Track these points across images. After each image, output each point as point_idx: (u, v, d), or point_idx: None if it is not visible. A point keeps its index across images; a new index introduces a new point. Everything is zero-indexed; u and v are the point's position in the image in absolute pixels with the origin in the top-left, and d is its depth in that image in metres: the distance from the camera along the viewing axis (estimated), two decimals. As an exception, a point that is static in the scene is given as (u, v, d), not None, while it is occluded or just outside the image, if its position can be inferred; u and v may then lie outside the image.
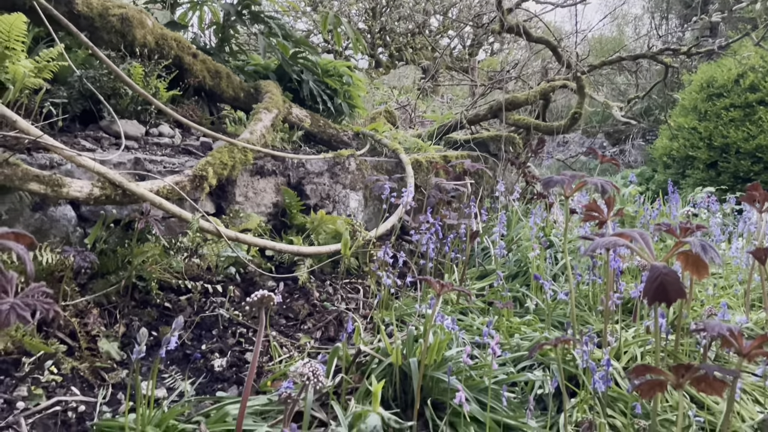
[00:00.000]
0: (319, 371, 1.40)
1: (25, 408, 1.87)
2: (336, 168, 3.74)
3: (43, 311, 1.03)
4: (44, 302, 1.04)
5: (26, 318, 0.99)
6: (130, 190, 2.42)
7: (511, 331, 2.60)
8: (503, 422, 1.92)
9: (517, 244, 3.70)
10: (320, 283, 3.04)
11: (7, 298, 1.01)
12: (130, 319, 2.37)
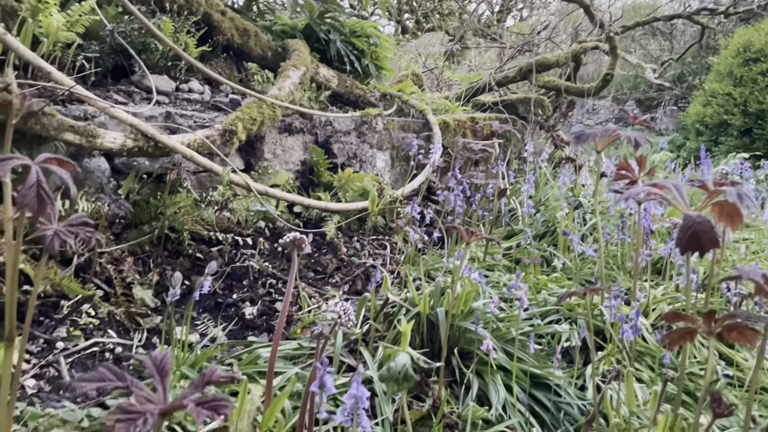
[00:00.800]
0: (350, 310, 1.42)
1: (65, 348, 1.94)
2: (363, 127, 3.74)
3: (86, 238, 1.06)
4: (86, 230, 1.07)
5: (70, 243, 1.02)
6: (162, 142, 2.45)
7: (538, 287, 2.60)
8: (530, 371, 1.93)
9: (545, 205, 3.67)
10: (347, 239, 3.07)
11: (51, 225, 1.04)
12: (163, 268, 2.42)
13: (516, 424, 1.76)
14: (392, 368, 1.40)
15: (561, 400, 1.89)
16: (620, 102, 13.10)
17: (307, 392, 1.37)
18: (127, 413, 0.71)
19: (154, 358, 0.82)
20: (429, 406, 1.80)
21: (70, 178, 1.00)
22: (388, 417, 1.73)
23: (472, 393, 1.85)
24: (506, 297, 2.41)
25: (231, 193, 2.85)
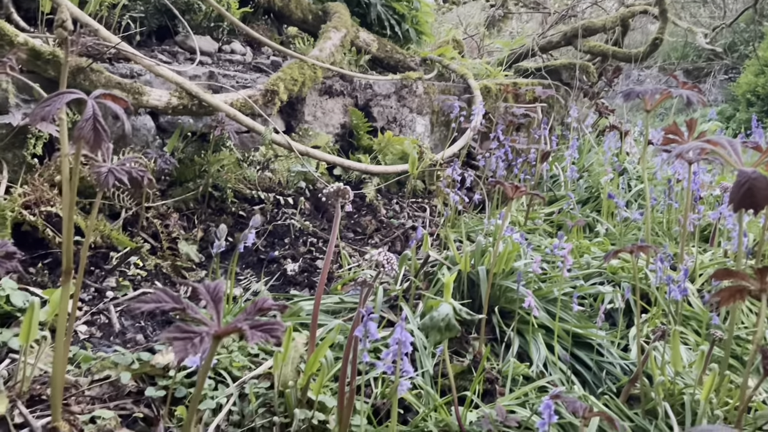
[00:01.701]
0: (393, 259, 1.42)
1: (114, 297, 2.00)
2: (403, 91, 3.70)
3: (138, 176, 1.08)
4: (138, 169, 1.09)
5: (123, 180, 1.04)
6: (206, 101, 2.48)
7: (581, 251, 2.56)
8: (572, 331, 1.92)
9: (588, 171, 3.60)
10: (387, 202, 3.07)
11: (105, 163, 1.07)
12: (207, 224, 2.47)
13: (557, 380, 1.76)
14: (435, 317, 1.40)
15: (603, 359, 1.87)
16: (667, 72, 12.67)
17: (350, 338, 1.39)
18: (184, 332, 0.72)
19: (208, 285, 0.83)
20: (469, 360, 1.80)
21: (123, 113, 1.02)
22: (428, 370, 1.74)
23: (512, 350, 1.85)
24: (547, 259, 2.38)
25: (272, 153, 2.87)
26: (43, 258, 2.04)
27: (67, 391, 1.45)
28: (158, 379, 1.57)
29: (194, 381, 1.56)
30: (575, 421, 1.59)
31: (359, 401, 1.53)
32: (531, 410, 1.59)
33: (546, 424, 1.23)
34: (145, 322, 1.93)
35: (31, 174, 2.11)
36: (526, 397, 1.67)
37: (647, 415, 1.66)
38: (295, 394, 1.47)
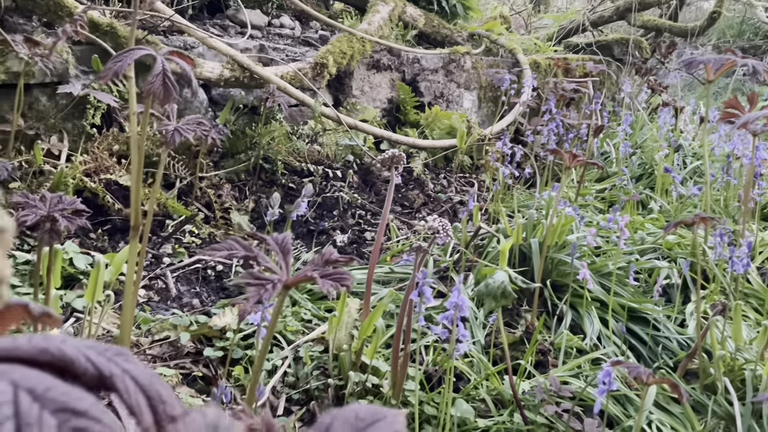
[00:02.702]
0: (448, 225, 1.41)
1: (171, 263, 2.05)
2: (451, 66, 3.66)
3: (202, 135, 1.09)
4: (202, 128, 1.10)
5: (189, 139, 1.06)
6: (257, 73, 2.49)
7: (635, 227, 2.50)
8: (627, 305, 1.88)
9: (641, 148, 3.50)
10: (434, 176, 3.05)
11: (171, 123, 1.09)
12: (258, 196, 2.50)
13: (611, 353, 1.73)
14: (490, 284, 1.39)
15: (659, 334, 1.83)
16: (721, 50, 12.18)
17: (405, 303, 1.39)
18: (257, 279, 0.73)
19: (277, 237, 0.84)
20: (521, 332, 1.79)
21: (191, 70, 1.04)
22: (480, 340, 1.74)
23: (565, 323, 1.83)
24: (600, 234, 2.34)
25: (321, 127, 2.89)
26: (102, 224, 2.10)
27: (130, 350, 1.50)
28: (215, 340, 1.60)
29: (250, 343, 1.59)
30: (630, 393, 1.57)
31: (412, 367, 1.53)
32: (585, 382, 1.57)
33: (605, 391, 1.21)
34: (200, 287, 1.98)
35: (90, 143, 2.17)
36: (579, 369, 1.65)
37: (705, 390, 1.62)
38: (350, 358, 1.48)
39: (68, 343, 0.30)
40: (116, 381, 0.29)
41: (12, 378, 0.25)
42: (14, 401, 0.23)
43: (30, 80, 2.10)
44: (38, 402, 0.24)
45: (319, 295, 1.92)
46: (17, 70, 2.04)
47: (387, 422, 0.36)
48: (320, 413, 1.44)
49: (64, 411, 0.25)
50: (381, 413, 0.36)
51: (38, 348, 0.29)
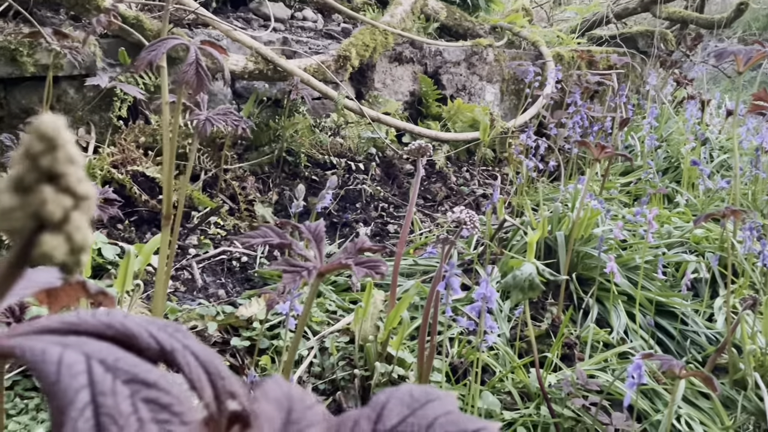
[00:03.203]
0: (475, 217, 1.41)
1: (196, 254, 2.07)
2: (473, 58, 3.64)
3: (233, 125, 1.10)
4: (233, 118, 1.11)
5: (220, 128, 1.06)
6: (281, 66, 2.50)
7: (662, 221, 2.47)
8: (654, 299, 1.86)
9: (667, 141, 3.45)
10: (457, 169, 3.04)
11: (202, 112, 1.09)
12: (281, 188, 2.51)
13: (638, 348, 1.71)
14: (518, 276, 1.39)
15: (687, 328, 1.81)
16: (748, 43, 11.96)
17: (431, 294, 1.39)
18: (292, 266, 0.73)
19: (309, 226, 0.84)
20: (547, 325, 1.78)
21: (224, 60, 1.04)
22: (505, 333, 1.73)
23: (591, 316, 1.81)
24: (627, 228, 2.31)
25: (343, 120, 2.89)
26: (129, 215, 2.12)
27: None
28: (242, 330, 1.61)
29: (276, 333, 1.60)
30: (658, 387, 1.55)
31: (437, 359, 1.53)
32: (612, 376, 1.56)
33: (635, 384, 1.20)
34: (225, 278, 1.99)
35: (117, 135, 2.20)
36: (606, 363, 1.63)
37: (735, 385, 1.60)
38: (375, 349, 1.48)
39: (130, 318, 0.30)
40: (177, 356, 0.29)
41: (84, 349, 0.25)
42: (88, 371, 0.24)
43: (58, 73, 2.12)
44: (110, 372, 0.24)
45: (343, 287, 1.93)
46: (46, 62, 2.07)
47: (440, 402, 0.35)
48: (346, 403, 1.45)
49: (135, 382, 0.25)
50: (434, 394, 0.36)
51: (102, 323, 0.29)
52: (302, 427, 0.26)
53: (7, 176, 0.19)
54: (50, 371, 0.23)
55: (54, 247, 0.19)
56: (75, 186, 0.19)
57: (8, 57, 2.04)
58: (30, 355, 0.24)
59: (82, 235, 0.20)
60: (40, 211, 0.19)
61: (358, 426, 0.31)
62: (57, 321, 0.28)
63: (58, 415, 0.22)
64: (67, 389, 0.23)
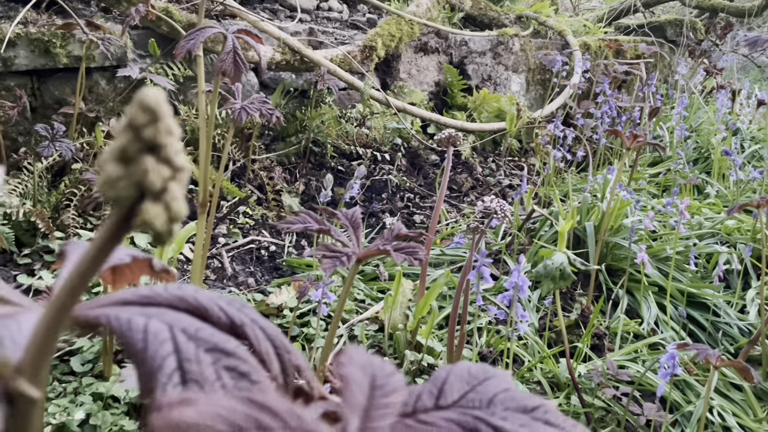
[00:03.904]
0: (506, 206, 1.40)
1: (225, 243, 2.09)
2: (499, 48, 3.61)
3: (267, 114, 1.11)
4: (267, 107, 1.12)
5: (255, 117, 1.07)
6: (308, 56, 2.51)
7: (692, 212, 2.44)
8: (686, 291, 1.84)
9: (697, 131, 3.39)
10: (482, 160, 3.02)
11: (237, 101, 1.10)
12: (308, 178, 2.52)
13: (669, 339, 1.69)
14: (549, 266, 1.38)
15: (719, 320, 1.78)
16: (779, 31, 11.68)
17: (461, 283, 1.39)
18: (332, 252, 0.74)
19: (346, 212, 0.85)
20: (576, 315, 1.77)
21: (258, 47, 1.05)
22: (534, 323, 1.73)
23: (621, 307, 1.79)
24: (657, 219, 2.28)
25: (369, 110, 2.89)
26: (160, 205, 2.15)
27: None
28: (272, 318, 1.63)
29: (306, 321, 1.62)
30: (690, 379, 1.54)
31: (466, 348, 1.54)
32: (643, 367, 1.55)
33: (668, 374, 1.19)
34: (254, 267, 2.02)
35: (148, 126, 2.23)
36: (636, 354, 1.62)
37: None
38: (405, 337, 1.49)
39: (201, 292, 0.31)
40: (246, 329, 0.30)
41: (166, 319, 0.26)
42: (173, 339, 0.24)
43: (90, 64, 2.16)
44: (193, 341, 0.25)
45: (371, 276, 1.94)
46: (78, 53, 2.10)
47: (498, 380, 0.36)
48: (376, 391, 1.46)
49: (215, 350, 0.25)
50: (491, 372, 0.37)
51: (175, 296, 0.30)
52: (387, 392, 0.27)
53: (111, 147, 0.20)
54: (137, 339, 0.24)
55: (155, 215, 0.20)
56: (173, 157, 0.20)
57: (42, 49, 2.07)
58: (116, 324, 0.25)
59: (178, 205, 0.21)
60: (143, 180, 0.19)
61: (420, 400, 0.32)
62: (132, 294, 0.29)
63: (146, 380, 0.23)
64: (155, 356, 0.23)
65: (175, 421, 0.18)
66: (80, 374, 1.33)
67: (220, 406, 0.20)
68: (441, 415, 0.31)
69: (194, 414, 0.19)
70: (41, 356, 0.21)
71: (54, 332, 0.21)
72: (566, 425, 0.33)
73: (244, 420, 0.20)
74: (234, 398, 0.20)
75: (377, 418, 0.25)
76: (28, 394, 0.21)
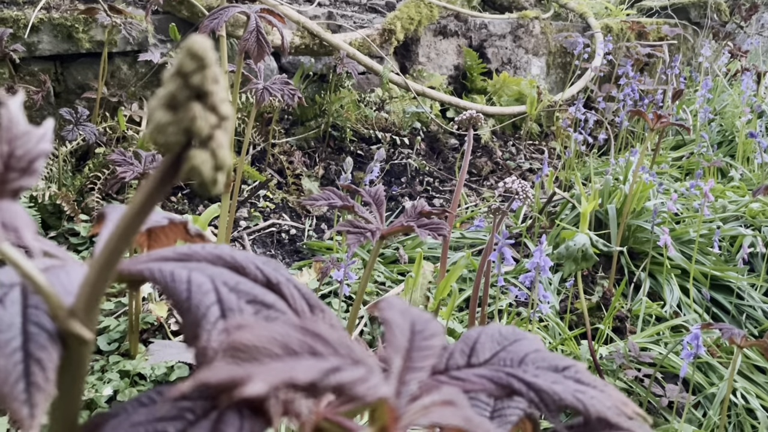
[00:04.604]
0: (528, 187, 1.39)
1: (247, 227, 2.11)
2: (519, 31, 3.57)
3: (289, 95, 1.11)
4: (289, 88, 1.12)
5: (277, 97, 1.08)
6: (327, 40, 2.50)
7: (715, 195, 2.40)
8: (709, 273, 1.82)
9: (721, 114, 3.34)
10: (502, 144, 3.01)
11: (259, 82, 1.11)
12: (327, 162, 2.53)
13: (691, 321, 1.68)
14: (571, 247, 1.37)
15: (743, 303, 1.77)
16: (807, 13, 11.39)
17: (482, 264, 1.39)
18: (356, 227, 0.75)
19: (370, 190, 0.85)
20: (598, 298, 1.76)
21: (281, 26, 1.05)
22: (555, 305, 1.72)
23: (643, 290, 1.78)
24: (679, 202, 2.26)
25: (388, 94, 2.88)
26: (181, 189, 2.18)
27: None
28: (293, 299, 1.65)
29: (328, 303, 1.63)
30: (713, 361, 1.53)
31: (487, 329, 1.54)
32: (665, 349, 1.54)
33: (692, 355, 1.19)
34: (275, 250, 2.03)
35: (169, 110, 2.25)
36: (658, 336, 1.61)
37: (794, 362, 1.56)
38: (426, 318, 1.50)
39: (237, 252, 0.31)
40: (283, 288, 0.31)
41: (207, 273, 0.26)
42: (215, 290, 0.25)
43: (112, 49, 2.17)
44: (234, 293, 0.26)
45: (390, 259, 1.94)
46: (101, 38, 2.12)
47: (528, 341, 0.36)
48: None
49: (255, 302, 0.26)
50: (521, 334, 0.37)
51: (213, 254, 0.30)
52: (427, 336, 0.27)
53: (160, 94, 0.20)
54: (181, 289, 0.25)
55: (202, 161, 0.20)
56: (219, 105, 0.20)
57: (65, 34, 2.10)
58: (160, 276, 0.26)
59: (224, 153, 0.21)
60: (191, 126, 0.20)
61: (452, 358, 0.32)
62: (172, 252, 0.30)
63: (191, 328, 0.24)
64: (199, 305, 0.24)
65: (236, 342, 0.19)
66: (107, 353, 1.35)
67: (276, 331, 0.20)
68: (473, 372, 0.31)
69: (252, 337, 0.19)
70: (92, 303, 0.22)
71: (104, 278, 0.22)
72: (597, 384, 0.33)
73: (298, 345, 0.20)
74: (288, 325, 0.21)
75: (419, 359, 0.26)
76: (80, 334, 0.21)
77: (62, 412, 0.22)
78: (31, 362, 0.20)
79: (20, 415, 0.18)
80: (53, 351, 0.20)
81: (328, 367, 0.20)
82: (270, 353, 0.20)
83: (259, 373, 0.18)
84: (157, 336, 1.47)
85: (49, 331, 0.21)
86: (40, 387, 0.19)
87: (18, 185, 0.23)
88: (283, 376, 0.19)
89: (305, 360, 0.20)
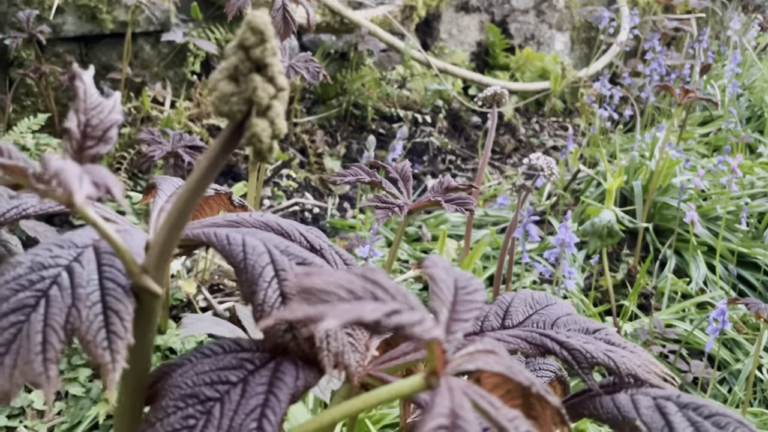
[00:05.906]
0: (553, 163, 1.39)
1: (270, 206, 2.13)
2: (543, 5, 3.52)
3: (314, 72, 1.12)
4: (314, 65, 1.13)
5: (303, 74, 1.09)
6: (348, 17, 2.50)
7: (744, 171, 2.36)
8: (736, 250, 1.80)
9: (749, 89, 3.27)
10: (526, 121, 2.98)
11: (284, 59, 1.12)
12: (349, 141, 2.54)
13: (717, 298, 1.67)
14: (596, 224, 1.37)
15: (772, 280, 1.75)
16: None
17: (506, 241, 1.39)
18: (384, 203, 0.76)
19: (396, 166, 0.86)
20: (623, 275, 1.76)
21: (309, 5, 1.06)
22: (579, 282, 1.72)
23: (669, 267, 1.77)
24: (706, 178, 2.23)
25: (409, 72, 2.87)
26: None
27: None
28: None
29: (352, 279, 1.65)
30: (738, 337, 1.52)
31: (511, 305, 1.55)
32: (690, 325, 1.53)
33: (718, 330, 1.18)
34: (299, 228, 2.05)
35: (192, 90, 2.27)
36: (684, 313, 1.61)
37: (823, 339, 1.55)
38: (450, 294, 1.51)
39: (282, 219, 0.33)
40: (325, 253, 0.32)
41: (259, 237, 0.27)
42: (268, 252, 0.26)
43: (135, 29, 2.19)
44: (285, 255, 0.27)
45: (413, 237, 1.95)
46: (124, 19, 2.14)
47: (559, 306, 0.37)
48: (421, 346, 1.49)
49: (305, 264, 0.27)
50: (553, 299, 0.38)
51: (260, 221, 0.31)
52: (470, 291, 0.29)
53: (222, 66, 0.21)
54: (237, 251, 0.26)
55: (262, 129, 0.21)
56: (277, 77, 0.21)
57: (89, 15, 2.12)
58: (215, 239, 0.27)
59: (281, 122, 0.22)
60: (252, 96, 0.21)
61: (487, 321, 0.33)
62: (222, 219, 0.31)
63: (247, 286, 0.25)
64: (255, 265, 0.25)
65: (308, 285, 0.20)
66: (139, 327, 1.39)
67: (342, 278, 0.22)
68: (508, 333, 0.32)
69: (321, 282, 0.21)
70: (162, 261, 0.23)
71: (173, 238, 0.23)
72: (627, 345, 0.34)
73: (361, 290, 0.22)
74: (352, 273, 0.22)
75: (463, 312, 0.27)
76: (152, 289, 0.23)
77: (135, 361, 0.24)
78: (110, 313, 0.21)
79: (103, 360, 0.20)
80: (128, 303, 0.22)
81: (389, 309, 0.22)
82: (338, 296, 0.21)
83: (330, 311, 0.20)
84: (186, 311, 1.50)
85: (123, 286, 0.22)
86: (119, 335, 0.21)
87: (95, 151, 0.25)
88: (351, 315, 0.20)
89: (369, 303, 0.22)
